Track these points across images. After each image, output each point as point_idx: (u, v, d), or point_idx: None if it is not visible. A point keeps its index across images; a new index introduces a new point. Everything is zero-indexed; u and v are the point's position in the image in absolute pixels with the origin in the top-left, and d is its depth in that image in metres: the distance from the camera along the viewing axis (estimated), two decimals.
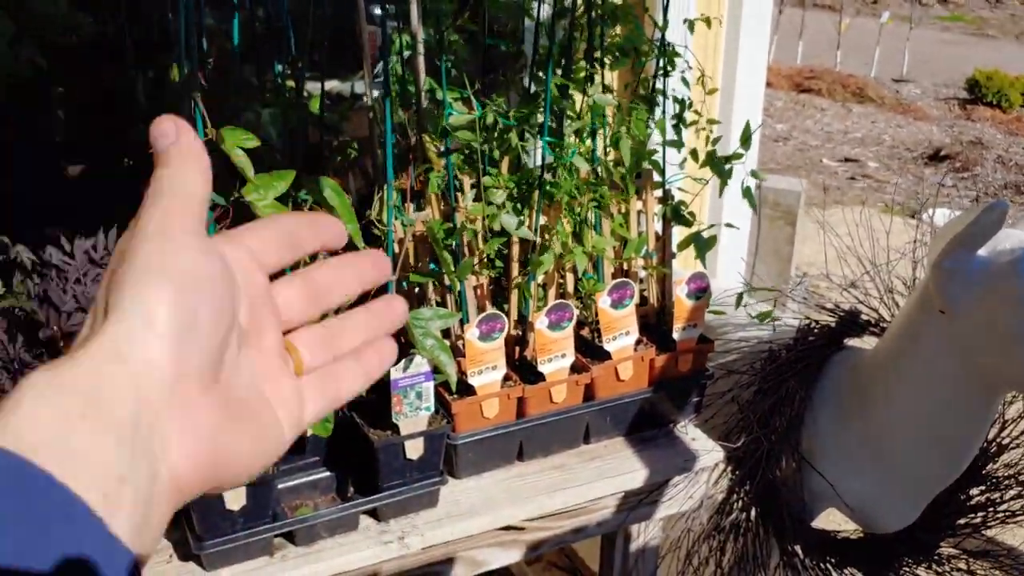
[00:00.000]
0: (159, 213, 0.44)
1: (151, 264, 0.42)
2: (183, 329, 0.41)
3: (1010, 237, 1.40)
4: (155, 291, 0.41)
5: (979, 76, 8.99)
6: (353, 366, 0.53)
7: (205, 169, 0.47)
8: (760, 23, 2.53)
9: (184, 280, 0.42)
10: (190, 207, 0.45)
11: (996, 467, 1.79)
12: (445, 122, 1.37)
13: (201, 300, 0.42)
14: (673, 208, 1.62)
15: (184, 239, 0.43)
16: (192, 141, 0.47)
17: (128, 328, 0.40)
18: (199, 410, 0.42)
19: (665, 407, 1.63)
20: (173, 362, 0.41)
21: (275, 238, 0.51)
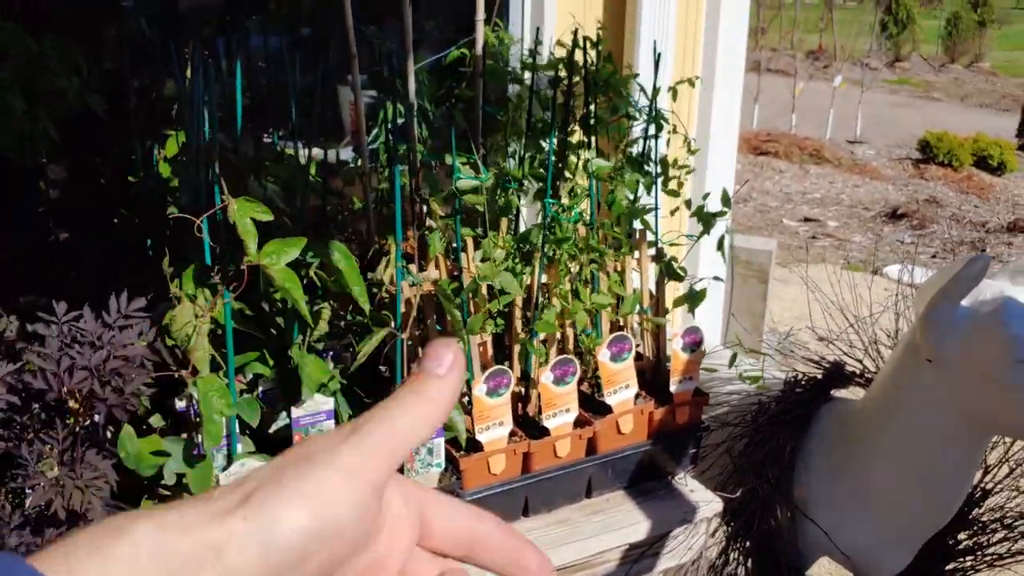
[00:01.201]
0: (364, 449, 0.41)
1: (316, 491, 0.40)
2: (292, 560, 0.39)
3: (991, 287, 1.48)
4: (295, 517, 0.39)
5: (930, 137, 9.29)
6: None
7: (442, 417, 0.44)
8: (732, 91, 2.64)
9: (326, 524, 0.40)
10: (397, 455, 0.42)
11: (982, 511, 1.84)
12: (454, 186, 1.41)
13: (324, 548, 0.40)
14: (667, 264, 1.67)
15: (362, 489, 0.41)
16: (456, 385, 0.44)
17: (247, 530, 0.39)
18: None
19: (664, 459, 1.66)
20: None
21: (464, 524, 0.48)
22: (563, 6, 2.26)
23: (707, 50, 2.57)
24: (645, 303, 1.70)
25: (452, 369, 0.44)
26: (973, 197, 8.18)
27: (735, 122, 2.72)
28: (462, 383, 0.45)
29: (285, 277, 1.30)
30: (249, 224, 1.24)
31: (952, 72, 16.24)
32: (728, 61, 2.60)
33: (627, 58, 2.39)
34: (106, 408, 1.17)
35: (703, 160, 2.62)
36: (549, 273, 1.58)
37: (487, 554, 0.47)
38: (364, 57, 1.94)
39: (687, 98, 2.55)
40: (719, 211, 1.71)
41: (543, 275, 1.55)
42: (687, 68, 2.54)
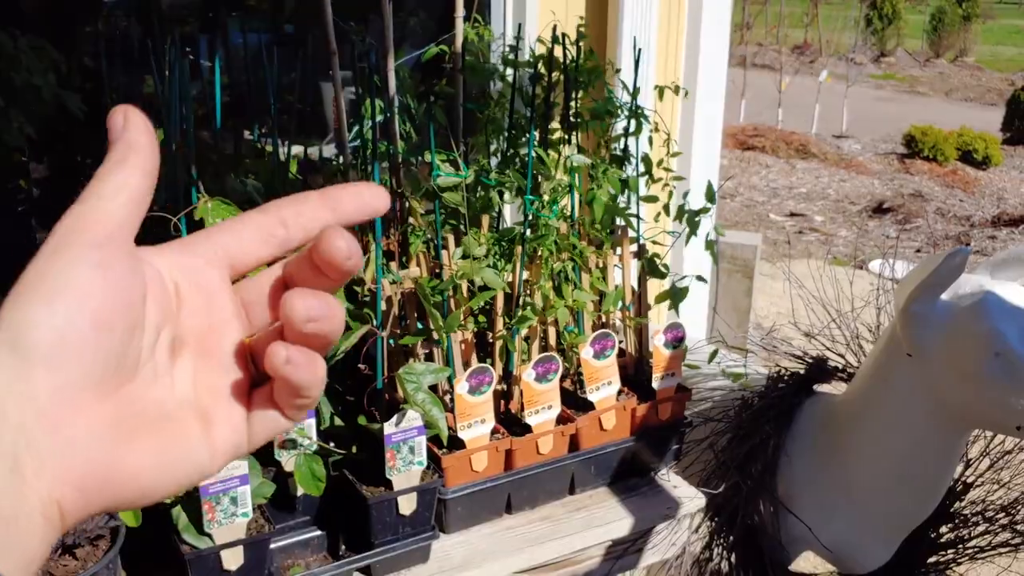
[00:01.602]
0: (69, 223, 0.39)
1: (31, 285, 0.38)
2: (55, 344, 0.37)
3: (970, 281, 1.48)
4: (26, 312, 0.37)
5: (915, 132, 9.32)
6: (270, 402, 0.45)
7: (147, 168, 0.42)
8: (715, 87, 2.64)
9: (61, 295, 0.38)
10: (108, 214, 0.40)
11: (963, 505, 1.85)
12: (434, 183, 1.41)
13: (85, 310, 0.38)
14: (649, 261, 1.67)
15: (81, 253, 0.39)
16: (138, 135, 0.42)
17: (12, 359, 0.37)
18: (80, 424, 0.38)
19: (647, 455, 1.66)
20: (44, 376, 0.37)
21: (257, 226, 0.45)
22: (545, 3, 2.26)
23: (689, 47, 2.57)
24: (627, 300, 1.70)
25: (127, 122, 0.42)
26: (958, 191, 8.21)
27: (718, 121, 2.72)
28: (146, 129, 0.42)
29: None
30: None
31: (937, 67, 16.31)
32: (711, 58, 2.60)
33: (610, 55, 2.39)
34: None
35: (687, 158, 2.62)
36: (530, 270, 1.57)
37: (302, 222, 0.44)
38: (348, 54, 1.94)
39: (670, 97, 2.55)
40: (703, 207, 1.71)
41: (524, 272, 1.55)
42: (670, 66, 2.54)
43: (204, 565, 1.26)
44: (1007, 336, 1.40)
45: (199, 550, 1.25)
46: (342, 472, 1.43)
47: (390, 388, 1.48)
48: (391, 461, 1.36)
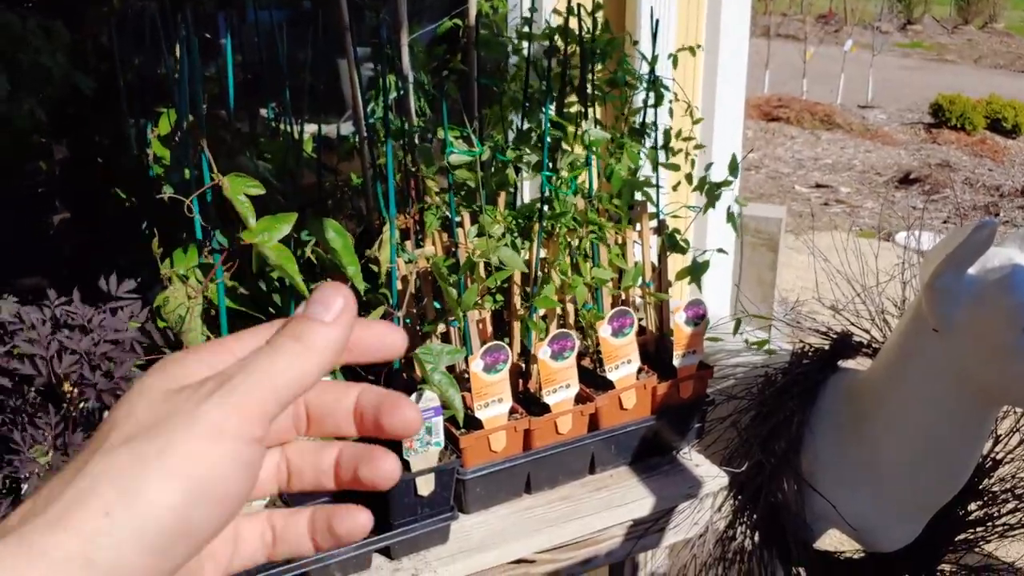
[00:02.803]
0: (233, 402, 0.37)
1: (183, 463, 0.35)
2: (172, 538, 0.35)
3: (998, 255, 1.44)
4: (166, 494, 0.35)
5: (942, 100, 9.17)
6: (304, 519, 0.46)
7: (325, 368, 0.40)
8: (737, 56, 2.59)
9: (203, 487, 0.36)
10: (272, 406, 0.38)
11: (992, 482, 1.82)
12: (446, 160, 1.39)
13: (205, 508, 0.36)
14: (669, 236, 1.64)
15: (233, 446, 0.37)
16: (342, 333, 0.40)
17: (111, 526, 0.34)
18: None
19: (668, 434, 1.64)
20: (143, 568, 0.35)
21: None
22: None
23: (711, 16, 2.52)
24: (647, 276, 1.67)
25: (341, 315, 0.40)
26: (987, 160, 8.09)
27: (741, 90, 2.67)
28: (350, 331, 0.40)
29: (279, 254, 1.28)
30: (245, 200, 1.22)
31: (965, 34, 16.03)
32: (732, 26, 2.55)
33: (628, 26, 2.35)
34: (96, 392, 1.16)
35: (709, 129, 2.58)
36: (548, 247, 1.55)
37: None
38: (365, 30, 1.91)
39: (691, 67, 2.51)
40: (724, 180, 1.67)
41: (542, 250, 1.53)
42: (690, 35, 2.49)
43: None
44: None
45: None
46: None
47: (407, 368, 1.46)
48: (408, 442, 1.35)
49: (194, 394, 0.37)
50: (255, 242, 1.25)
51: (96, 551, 0.33)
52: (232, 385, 0.37)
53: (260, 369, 0.38)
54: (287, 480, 0.46)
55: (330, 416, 0.45)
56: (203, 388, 0.37)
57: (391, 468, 0.45)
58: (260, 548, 0.45)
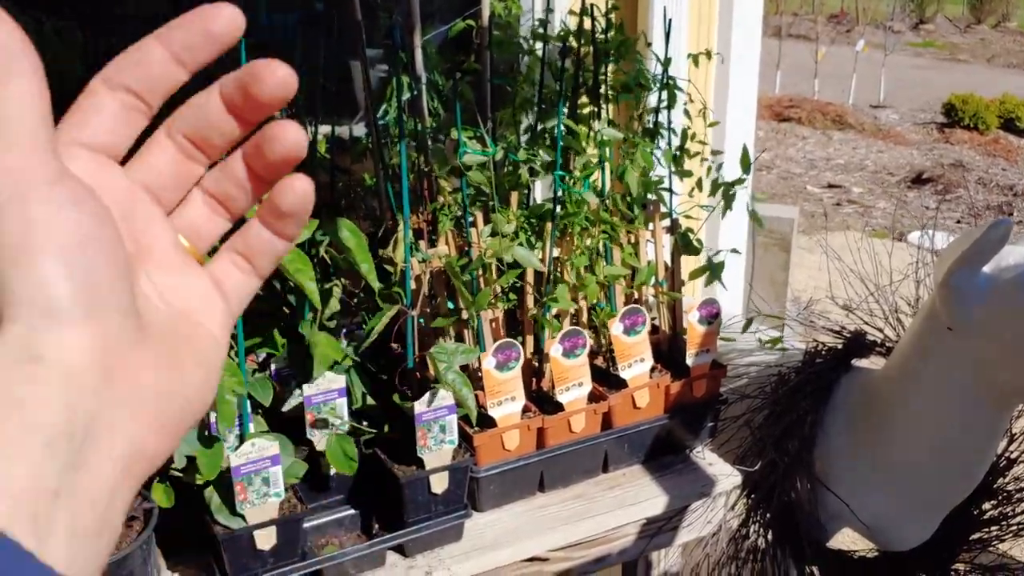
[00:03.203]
0: (7, 163, 0.34)
1: (18, 237, 0.33)
2: (90, 302, 0.34)
3: (1013, 253, 1.44)
4: (40, 272, 0.33)
5: (955, 100, 9.14)
6: (263, 227, 0.43)
7: (37, 73, 0.34)
8: (749, 56, 2.59)
9: (70, 241, 0.34)
10: (40, 137, 0.34)
11: (1007, 481, 1.81)
12: (460, 160, 1.39)
13: (95, 255, 0.35)
14: (682, 236, 1.65)
15: (50, 191, 0.34)
16: (13, 42, 0.34)
17: (30, 326, 0.33)
18: (138, 377, 0.36)
19: (681, 433, 1.65)
20: (94, 347, 0.34)
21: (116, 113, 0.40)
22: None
23: (723, 17, 2.52)
24: (660, 275, 1.68)
25: None
26: (1000, 160, 8.05)
27: (753, 91, 2.67)
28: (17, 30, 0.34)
29: (295, 259, 1.29)
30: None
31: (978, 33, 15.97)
32: (745, 27, 2.55)
33: (641, 26, 2.35)
34: None
35: (721, 131, 2.58)
36: (561, 247, 1.56)
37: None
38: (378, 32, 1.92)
39: (704, 68, 2.51)
40: (738, 179, 1.67)
41: (555, 249, 1.53)
42: (703, 35, 2.49)
43: (238, 545, 1.26)
44: None
45: (232, 530, 1.26)
46: (374, 451, 1.43)
47: (421, 367, 1.47)
48: (422, 440, 1.36)
49: None
50: None
51: (30, 348, 0.33)
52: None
53: None
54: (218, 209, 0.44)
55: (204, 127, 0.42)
56: None
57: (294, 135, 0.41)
58: (243, 278, 0.44)
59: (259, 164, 0.42)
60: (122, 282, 0.36)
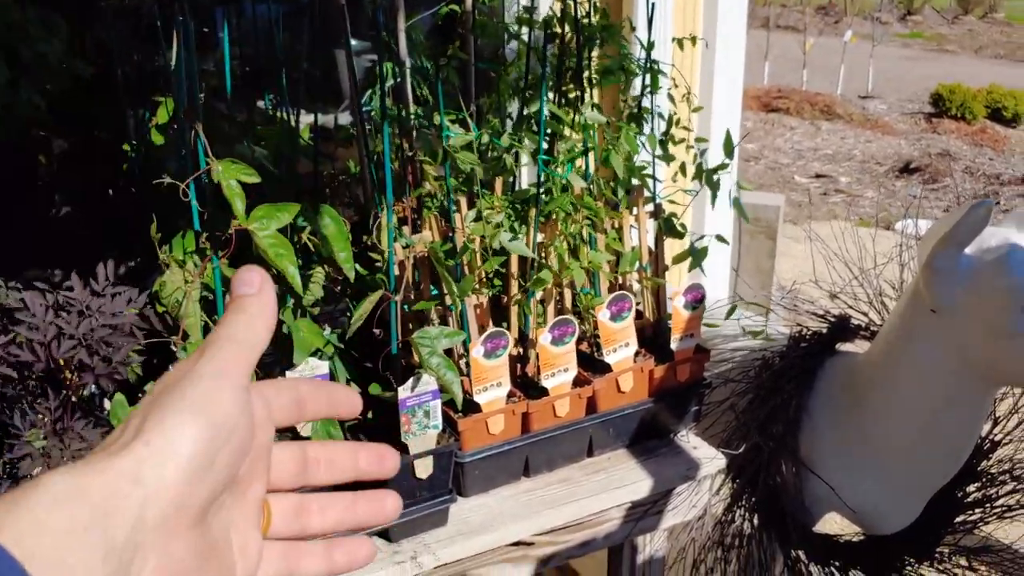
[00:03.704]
0: (221, 359, 0.47)
1: (195, 402, 0.45)
2: (200, 468, 0.44)
3: (995, 235, 1.45)
4: (189, 427, 0.44)
5: (942, 90, 9.17)
6: (319, 552, 0.55)
7: (272, 326, 0.50)
8: (735, 41, 2.59)
9: (218, 425, 0.45)
10: (249, 360, 0.48)
11: (990, 463, 1.82)
12: (444, 144, 1.39)
13: (225, 446, 0.45)
14: (666, 221, 1.65)
15: (234, 390, 0.46)
16: (271, 299, 0.51)
17: (153, 452, 0.42)
18: (181, 542, 0.44)
19: (666, 417, 1.65)
20: (180, 492, 0.43)
21: (288, 395, 0.53)
22: None
23: (708, 4, 2.52)
24: (644, 261, 1.68)
25: (263, 285, 0.51)
26: (987, 150, 8.08)
27: (739, 79, 2.68)
28: (275, 296, 0.51)
29: (276, 243, 1.28)
30: (235, 185, 1.22)
31: (966, 24, 16.01)
32: (730, 15, 2.55)
33: (627, 11, 2.35)
34: (94, 377, 1.16)
35: (707, 119, 2.59)
36: (545, 232, 1.55)
37: (309, 408, 0.54)
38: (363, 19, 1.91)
39: (689, 57, 2.51)
40: (720, 164, 1.68)
41: (539, 234, 1.53)
42: (688, 21, 2.49)
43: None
44: None
45: None
46: (358, 437, 1.42)
47: (405, 353, 1.47)
48: (406, 425, 1.36)
49: (187, 363, 0.47)
50: (251, 229, 1.25)
51: (142, 470, 0.42)
52: (212, 351, 0.48)
53: (223, 337, 0.48)
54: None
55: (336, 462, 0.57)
56: (192, 359, 0.48)
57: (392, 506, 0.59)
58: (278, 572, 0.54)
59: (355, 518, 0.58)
60: (225, 476, 0.46)
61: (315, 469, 0.55)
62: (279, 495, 0.54)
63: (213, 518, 0.46)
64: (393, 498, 0.59)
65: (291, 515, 0.54)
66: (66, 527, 0.38)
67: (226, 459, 0.45)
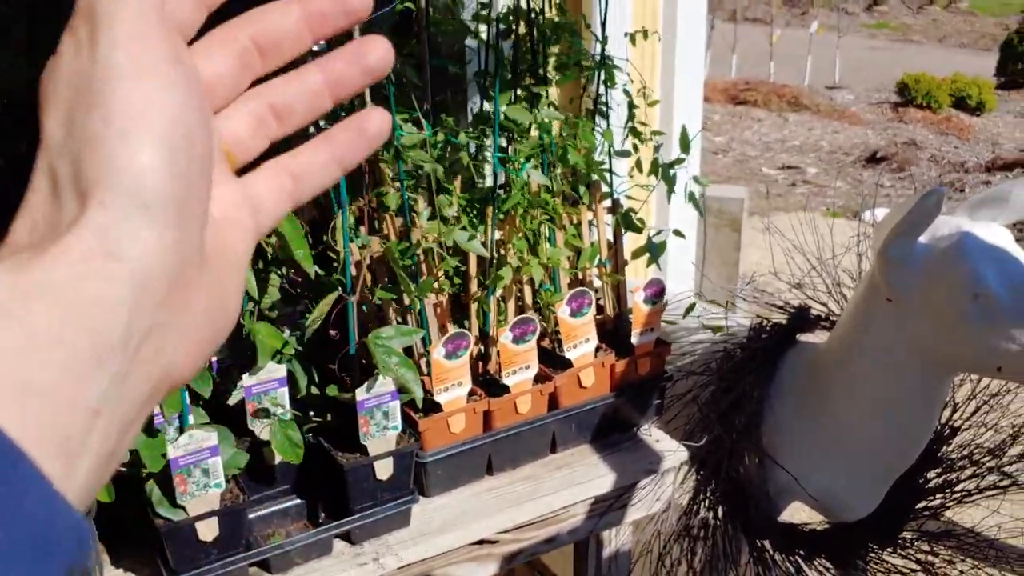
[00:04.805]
0: (125, 30, 0.32)
1: (133, 116, 0.31)
2: (181, 204, 0.32)
3: (948, 223, 1.46)
4: (144, 155, 0.31)
5: (908, 80, 9.25)
6: (322, 148, 0.42)
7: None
8: (695, 36, 2.60)
9: (175, 135, 0.32)
10: (156, 13, 0.33)
11: (950, 449, 1.84)
12: (397, 143, 1.38)
13: (192, 156, 0.33)
14: (624, 216, 1.65)
15: (168, 71, 0.33)
16: None
17: (119, 215, 0.31)
18: (193, 298, 0.34)
19: (628, 411, 1.65)
20: (173, 255, 0.32)
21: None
22: None
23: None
24: (604, 256, 1.68)
25: None
26: (953, 138, 8.17)
27: (700, 74, 2.69)
28: None
29: None
30: None
31: (930, 14, 16.17)
32: (689, 9, 2.56)
33: (585, 9, 2.35)
34: None
35: (668, 114, 2.59)
36: (504, 230, 1.55)
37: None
38: None
39: (650, 50, 2.51)
40: (676, 159, 1.68)
41: (498, 232, 1.53)
42: (648, 17, 2.50)
43: (179, 536, 1.25)
44: (985, 277, 1.38)
45: (173, 522, 1.24)
46: (318, 440, 1.42)
47: (366, 353, 1.46)
48: (364, 427, 1.35)
49: (80, 44, 0.33)
50: None
51: (113, 243, 0.31)
52: (105, 20, 0.32)
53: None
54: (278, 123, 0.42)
55: (278, 32, 0.40)
56: (80, 33, 0.33)
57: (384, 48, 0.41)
58: (282, 198, 0.41)
59: (344, 75, 0.41)
60: (207, 191, 0.34)
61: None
62: (228, 112, 0.40)
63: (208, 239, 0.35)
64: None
65: (252, 127, 0.40)
66: (25, 342, 0.28)
67: (200, 173, 0.33)
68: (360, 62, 0.40)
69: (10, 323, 0.28)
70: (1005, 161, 7.01)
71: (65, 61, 0.33)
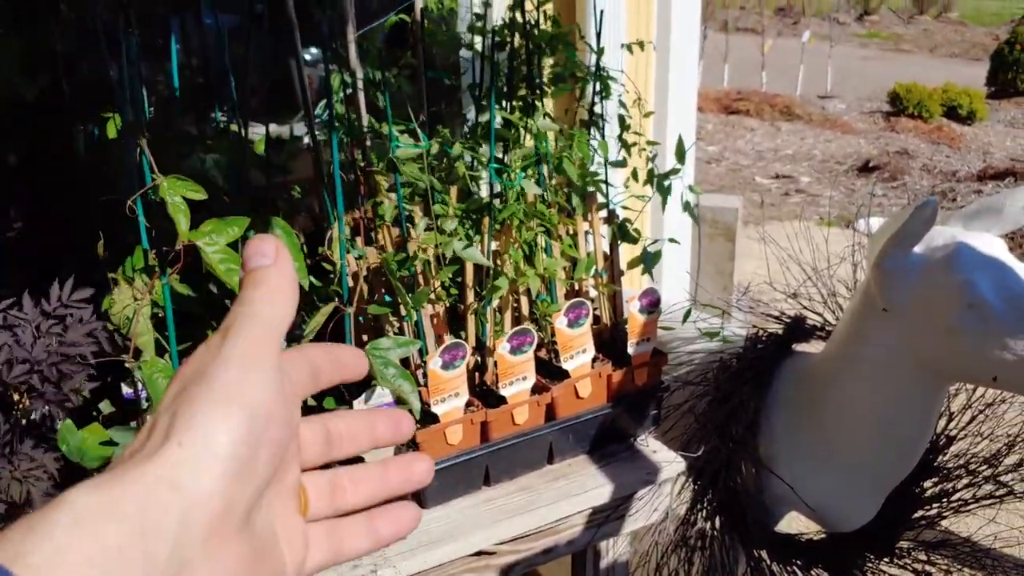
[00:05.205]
0: (247, 340, 0.42)
1: (229, 392, 0.40)
2: (243, 466, 0.39)
3: (943, 234, 1.47)
4: (225, 421, 0.39)
5: (899, 89, 9.29)
6: (362, 526, 0.52)
7: (295, 298, 0.46)
8: (688, 47, 2.61)
9: (255, 415, 0.40)
10: (276, 339, 0.44)
11: (946, 459, 1.85)
12: (392, 155, 1.39)
13: (266, 438, 0.41)
14: (620, 226, 1.65)
15: (267, 374, 0.42)
16: (290, 268, 0.46)
17: (191, 455, 0.38)
18: (229, 549, 0.40)
19: (625, 422, 1.65)
20: (224, 500, 0.38)
21: (304, 368, 0.49)
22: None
23: (661, 10, 2.54)
24: (600, 266, 1.68)
25: (279, 254, 0.46)
26: (944, 147, 8.20)
27: (693, 84, 2.70)
28: (293, 265, 0.47)
29: (227, 258, 1.27)
30: (179, 202, 1.21)
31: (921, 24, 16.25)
32: (683, 20, 2.57)
33: (578, 19, 2.36)
34: (44, 403, 1.15)
35: (662, 124, 2.60)
36: (500, 241, 1.55)
37: (324, 376, 0.50)
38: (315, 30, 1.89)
39: (643, 63, 2.53)
40: (672, 169, 1.68)
41: (493, 243, 1.53)
42: (641, 28, 2.51)
43: None
44: (980, 287, 1.39)
45: None
46: None
47: None
48: None
49: (208, 350, 0.42)
50: (199, 245, 1.24)
51: (179, 475, 0.37)
52: (235, 332, 0.43)
53: (246, 315, 0.44)
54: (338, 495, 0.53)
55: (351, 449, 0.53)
56: (214, 342, 0.43)
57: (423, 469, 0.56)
58: (324, 556, 0.50)
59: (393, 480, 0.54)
60: (268, 473, 0.42)
61: (338, 443, 0.51)
62: (311, 474, 0.50)
63: (257, 515, 0.42)
64: (423, 462, 0.55)
65: (326, 493, 0.50)
66: (93, 552, 0.33)
67: (268, 452, 0.41)
68: (409, 478, 0.55)
69: (84, 540, 0.34)
70: (996, 170, 7.04)
71: (195, 358, 0.42)
